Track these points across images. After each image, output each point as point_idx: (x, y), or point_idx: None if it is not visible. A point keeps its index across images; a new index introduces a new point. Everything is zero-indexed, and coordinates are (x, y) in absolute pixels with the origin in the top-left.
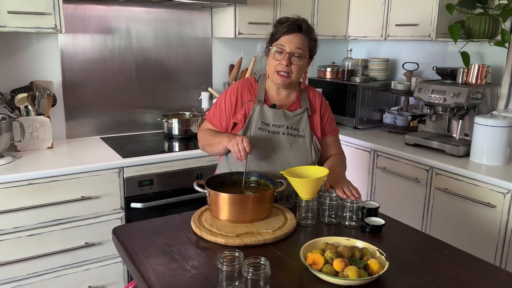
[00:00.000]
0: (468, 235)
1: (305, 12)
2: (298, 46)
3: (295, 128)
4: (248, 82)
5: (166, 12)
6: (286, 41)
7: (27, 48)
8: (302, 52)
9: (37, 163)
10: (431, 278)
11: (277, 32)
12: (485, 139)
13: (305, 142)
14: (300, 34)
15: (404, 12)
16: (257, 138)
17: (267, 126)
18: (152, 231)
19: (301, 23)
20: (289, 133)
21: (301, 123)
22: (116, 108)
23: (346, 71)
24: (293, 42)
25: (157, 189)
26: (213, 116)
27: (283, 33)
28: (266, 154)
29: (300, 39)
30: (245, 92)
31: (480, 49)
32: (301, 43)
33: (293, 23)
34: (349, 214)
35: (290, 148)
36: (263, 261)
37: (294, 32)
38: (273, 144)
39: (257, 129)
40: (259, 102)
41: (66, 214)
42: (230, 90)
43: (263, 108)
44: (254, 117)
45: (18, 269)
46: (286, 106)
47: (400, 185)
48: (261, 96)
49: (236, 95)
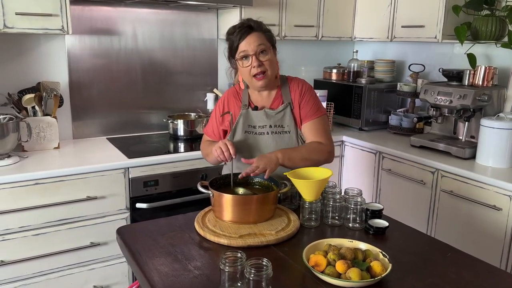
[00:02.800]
0: (473, 237)
1: (311, 14)
2: (258, 43)
3: (279, 125)
4: (234, 90)
5: (172, 14)
6: (245, 45)
7: (34, 49)
8: (265, 47)
9: (44, 163)
10: (434, 281)
11: (233, 42)
12: (491, 141)
13: (291, 138)
14: (253, 32)
15: (410, 13)
16: (244, 142)
17: (253, 128)
18: (156, 231)
19: (249, 22)
20: (273, 132)
21: (285, 118)
22: (122, 109)
23: (352, 72)
24: (252, 43)
25: (162, 189)
26: (208, 127)
27: (239, 40)
28: (254, 156)
29: (256, 36)
30: (231, 99)
31: (487, 50)
32: (259, 39)
33: (241, 27)
34: (353, 216)
35: (276, 147)
36: (265, 262)
37: (248, 34)
38: (259, 145)
39: (244, 133)
40: (244, 107)
41: (72, 214)
42: (219, 101)
43: (248, 112)
44: (239, 122)
45: (24, 268)
46: (268, 105)
47: (405, 187)
48: (246, 101)
49: (223, 104)
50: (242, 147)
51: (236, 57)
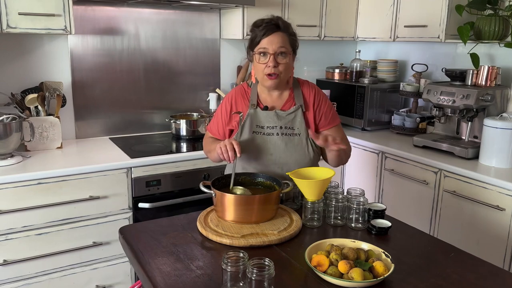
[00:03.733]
0: (476, 238)
1: (314, 13)
2: (280, 45)
3: (289, 127)
4: (242, 89)
5: (174, 14)
6: (267, 42)
7: (37, 49)
8: (286, 50)
9: (47, 163)
10: (437, 281)
11: (256, 36)
12: (494, 141)
13: (301, 140)
14: (279, 32)
15: (413, 13)
16: (251, 142)
17: (261, 129)
18: (158, 231)
19: (277, 21)
20: (283, 133)
21: (296, 121)
22: (125, 109)
23: (354, 72)
24: (274, 42)
25: (164, 189)
26: (212, 125)
27: (263, 35)
28: (262, 157)
29: (280, 37)
30: (239, 98)
31: (490, 50)
32: (282, 41)
33: (269, 23)
34: (355, 216)
35: (285, 148)
36: (267, 262)
37: (273, 32)
38: (267, 146)
39: (251, 133)
40: (252, 106)
41: (75, 213)
42: (225, 99)
43: (256, 111)
44: (247, 121)
45: (27, 268)
46: (279, 106)
47: (408, 187)
48: (254, 100)
49: (230, 102)
50: (249, 147)
51: (254, 51)
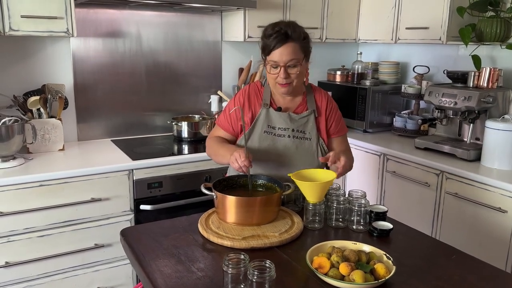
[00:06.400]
0: (478, 240)
1: (315, 15)
2: (290, 57)
3: (301, 130)
4: (256, 87)
5: (176, 16)
6: (277, 55)
7: (39, 51)
8: (296, 61)
9: (49, 165)
10: (438, 283)
11: (267, 46)
12: (496, 143)
13: (311, 145)
14: (289, 42)
15: (414, 15)
16: (261, 142)
17: (273, 129)
18: (160, 233)
19: (287, 29)
20: (295, 136)
21: (308, 125)
22: (127, 111)
23: (356, 74)
24: (284, 54)
25: (166, 191)
26: (223, 120)
27: (273, 47)
28: (272, 157)
29: (290, 48)
30: (253, 95)
31: (492, 52)
32: (292, 52)
33: (279, 33)
34: (357, 218)
35: (296, 151)
36: (268, 264)
37: (283, 43)
38: (278, 147)
39: (263, 133)
40: (265, 106)
41: (77, 215)
42: (239, 93)
43: (269, 111)
44: (259, 120)
45: (29, 270)
46: (292, 108)
47: (410, 189)
48: (267, 100)
49: (244, 97)
50: (259, 148)
51: (267, 60)
